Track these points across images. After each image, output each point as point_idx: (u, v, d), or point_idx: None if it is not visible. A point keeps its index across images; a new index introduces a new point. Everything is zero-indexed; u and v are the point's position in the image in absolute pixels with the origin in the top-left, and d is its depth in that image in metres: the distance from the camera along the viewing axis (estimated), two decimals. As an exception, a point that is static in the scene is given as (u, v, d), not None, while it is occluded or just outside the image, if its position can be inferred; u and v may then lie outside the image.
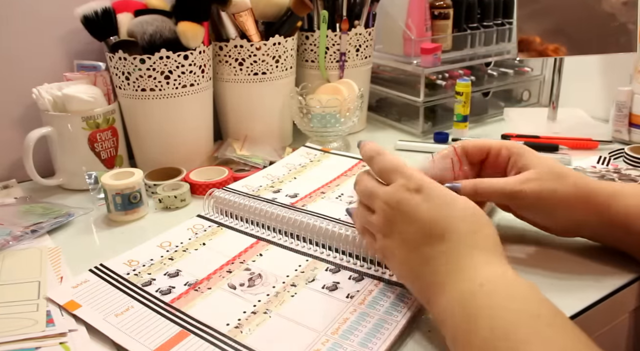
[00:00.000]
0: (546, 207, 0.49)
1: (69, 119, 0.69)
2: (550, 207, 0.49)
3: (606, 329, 0.48)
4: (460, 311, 0.36)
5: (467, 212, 0.41)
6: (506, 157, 0.52)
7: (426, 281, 0.40)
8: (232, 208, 0.60)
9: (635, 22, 0.79)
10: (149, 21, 0.69)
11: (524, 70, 1.05)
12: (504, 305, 0.34)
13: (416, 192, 0.41)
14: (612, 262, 0.50)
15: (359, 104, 0.81)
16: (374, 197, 0.44)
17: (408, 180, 0.42)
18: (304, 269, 0.50)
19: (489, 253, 0.39)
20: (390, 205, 0.42)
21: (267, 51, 0.77)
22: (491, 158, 0.53)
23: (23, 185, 0.75)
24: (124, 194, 0.62)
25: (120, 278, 0.50)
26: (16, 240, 0.58)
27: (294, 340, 0.41)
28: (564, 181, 0.48)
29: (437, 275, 0.39)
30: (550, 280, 0.48)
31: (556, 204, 0.48)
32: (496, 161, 0.53)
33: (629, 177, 0.68)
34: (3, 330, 0.43)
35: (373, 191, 0.44)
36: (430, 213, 0.40)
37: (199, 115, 0.76)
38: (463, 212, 0.41)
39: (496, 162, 0.53)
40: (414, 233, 0.41)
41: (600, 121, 0.91)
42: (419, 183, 0.42)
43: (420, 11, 0.92)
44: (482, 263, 0.38)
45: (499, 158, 0.52)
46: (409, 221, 0.41)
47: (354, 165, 0.72)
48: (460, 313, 0.36)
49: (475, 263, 0.38)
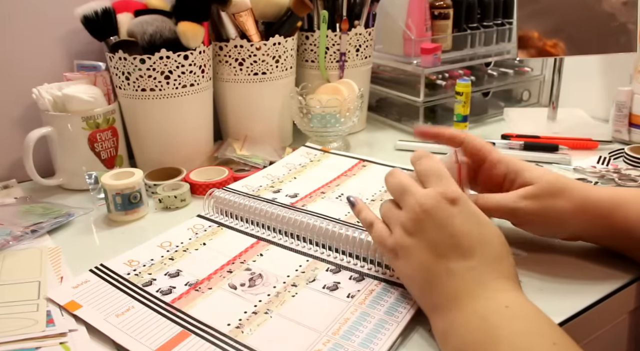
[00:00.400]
0: (546, 222, 0.49)
1: (69, 119, 0.69)
2: (550, 222, 0.49)
3: (605, 330, 0.48)
4: (479, 326, 0.36)
5: (495, 237, 0.41)
6: (502, 173, 0.51)
7: (443, 292, 0.40)
8: (232, 208, 0.60)
9: (635, 22, 0.79)
10: (149, 21, 0.69)
11: (524, 70, 1.05)
12: (526, 329, 0.35)
13: (452, 203, 0.41)
14: (611, 263, 0.50)
15: (359, 104, 0.81)
16: (407, 194, 0.43)
17: (447, 189, 0.42)
18: (304, 269, 0.50)
19: (512, 281, 0.40)
20: (423, 207, 0.41)
21: (267, 51, 0.77)
22: (485, 170, 0.52)
23: (23, 185, 0.75)
24: (124, 194, 0.62)
25: (121, 278, 0.50)
26: (16, 240, 0.58)
27: (295, 340, 0.41)
28: (564, 196, 0.47)
29: (457, 288, 0.39)
30: (549, 282, 0.48)
31: (556, 219, 0.48)
32: (490, 173, 0.52)
33: (629, 177, 0.68)
34: (3, 330, 0.43)
35: (408, 188, 0.43)
36: (462, 228, 0.40)
37: (199, 115, 0.76)
38: (492, 236, 0.41)
39: (490, 174, 0.52)
40: (442, 240, 0.40)
41: (600, 121, 0.91)
42: (457, 195, 0.42)
43: (420, 11, 0.92)
44: (506, 289, 0.39)
45: (493, 171, 0.52)
46: (438, 227, 0.41)
47: (354, 165, 0.72)
48: (478, 328, 0.36)
49: (499, 287, 0.39)
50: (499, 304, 0.37)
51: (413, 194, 0.43)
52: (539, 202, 0.48)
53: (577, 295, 0.46)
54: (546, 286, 0.47)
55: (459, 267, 0.40)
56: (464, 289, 0.39)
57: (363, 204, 0.49)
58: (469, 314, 0.38)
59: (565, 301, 0.45)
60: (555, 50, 0.81)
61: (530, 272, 0.49)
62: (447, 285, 0.40)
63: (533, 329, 0.35)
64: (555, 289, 0.47)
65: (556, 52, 0.82)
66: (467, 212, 0.41)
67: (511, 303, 0.38)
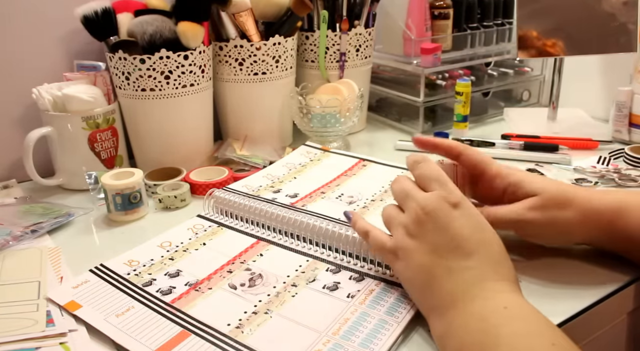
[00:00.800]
0: (552, 233, 0.49)
1: (69, 119, 0.69)
2: (556, 232, 0.49)
3: (604, 331, 0.49)
4: (478, 327, 0.36)
5: (495, 241, 0.42)
6: (501, 187, 0.51)
7: (442, 292, 0.40)
8: (232, 208, 0.60)
9: (635, 22, 0.79)
10: (149, 21, 0.69)
11: (524, 70, 1.05)
12: (525, 330, 0.35)
13: (454, 206, 0.42)
14: (610, 264, 0.50)
15: (359, 104, 0.81)
16: (409, 198, 0.44)
17: (449, 193, 0.42)
18: (304, 269, 0.50)
19: (511, 283, 0.40)
20: (425, 210, 0.42)
21: (267, 51, 0.77)
22: (484, 183, 0.52)
23: (23, 185, 0.75)
24: (124, 194, 0.62)
25: (121, 278, 0.50)
26: (16, 240, 0.58)
27: (295, 340, 0.41)
28: (569, 206, 0.47)
29: (456, 288, 0.39)
30: (549, 283, 0.48)
31: (562, 229, 0.48)
32: (489, 186, 0.51)
33: (629, 177, 0.68)
34: (3, 330, 0.43)
35: (410, 193, 0.44)
36: (464, 230, 0.41)
37: (199, 115, 0.76)
38: (492, 241, 0.41)
39: (489, 187, 0.51)
40: (443, 242, 0.41)
41: (600, 121, 0.91)
42: (459, 199, 0.42)
43: (420, 11, 0.92)
44: (505, 290, 0.39)
45: (492, 184, 0.51)
46: (440, 230, 0.41)
47: (354, 165, 0.72)
48: (477, 329, 0.36)
49: (498, 288, 0.39)
50: (497, 304, 0.37)
51: (415, 197, 0.43)
52: (545, 213, 0.47)
53: (576, 296, 0.46)
54: (545, 288, 0.47)
55: (458, 267, 0.40)
56: (463, 289, 0.39)
57: (358, 216, 0.49)
58: (467, 314, 0.38)
59: (565, 303, 0.45)
60: (554, 49, 0.81)
61: (529, 274, 0.49)
62: (446, 286, 0.40)
63: (532, 330, 0.35)
64: (554, 290, 0.47)
65: (556, 51, 0.82)
66: (469, 216, 0.42)
67: (510, 304, 0.38)
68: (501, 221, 0.49)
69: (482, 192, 0.52)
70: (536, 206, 0.48)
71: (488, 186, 0.52)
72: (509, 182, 0.50)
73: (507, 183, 0.50)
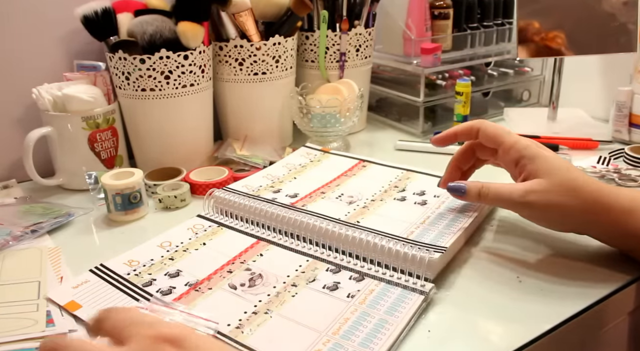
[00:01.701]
0: (553, 218, 0.49)
1: (69, 119, 0.69)
2: (558, 217, 0.49)
3: (605, 330, 0.49)
4: None
5: None
6: (515, 157, 0.51)
7: None
8: (232, 208, 0.60)
9: (635, 22, 0.79)
10: (149, 21, 0.69)
11: (524, 70, 1.05)
12: None
13: (175, 345, 0.30)
14: (611, 264, 0.50)
15: (359, 104, 0.81)
16: None
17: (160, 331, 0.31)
18: (304, 269, 0.50)
19: None
20: None
21: (267, 51, 0.77)
22: (501, 153, 0.53)
23: (23, 185, 0.75)
24: (124, 194, 0.62)
25: (121, 278, 0.50)
26: (16, 240, 0.58)
27: (295, 340, 0.41)
28: (576, 195, 0.47)
29: None
30: (549, 282, 0.48)
31: (565, 216, 0.48)
32: (505, 157, 0.52)
33: (629, 177, 0.68)
34: (3, 330, 0.43)
35: None
36: None
37: (199, 115, 0.76)
38: None
39: (505, 158, 0.53)
40: None
41: (600, 121, 0.91)
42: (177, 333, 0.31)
43: (420, 11, 0.92)
44: None
45: (507, 156, 0.52)
46: None
47: (354, 165, 0.72)
48: None
49: None
50: None
51: None
52: (548, 196, 0.47)
53: (577, 296, 0.46)
54: (546, 287, 0.47)
55: None
56: None
57: None
58: None
59: (565, 302, 0.45)
60: (555, 43, 0.81)
61: (529, 273, 0.49)
62: None
63: None
64: (555, 290, 0.47)
65: (557, 45, 0.82)
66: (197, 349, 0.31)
67: None
68: (501, 200, 0.49)
69: (502, 161, 0.54)
70: (540, 189, 0.47)
71: (504, 157, 0.53)
72: (522, 154, 0.50)
73: (520, 156, 0.50)
